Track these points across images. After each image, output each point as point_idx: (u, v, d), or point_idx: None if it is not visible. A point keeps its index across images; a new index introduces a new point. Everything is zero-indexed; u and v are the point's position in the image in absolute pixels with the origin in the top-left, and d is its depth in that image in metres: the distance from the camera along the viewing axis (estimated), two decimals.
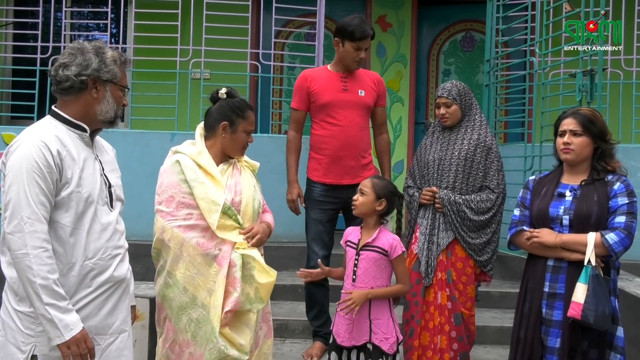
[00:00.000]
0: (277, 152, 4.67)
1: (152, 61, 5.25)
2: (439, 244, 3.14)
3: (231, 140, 2.56)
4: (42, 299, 1.83)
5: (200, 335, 2.40)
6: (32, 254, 1.83)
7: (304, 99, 3.67)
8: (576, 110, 2.64)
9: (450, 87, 3.22)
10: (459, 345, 3.11)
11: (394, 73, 6.15)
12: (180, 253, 2.42)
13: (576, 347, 2.47)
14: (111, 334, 2.06)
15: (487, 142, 3.18)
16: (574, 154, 2.57)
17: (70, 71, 1.99)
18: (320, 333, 3.69)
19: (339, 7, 5.92)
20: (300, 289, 4.19)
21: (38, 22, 5.15)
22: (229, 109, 2.56)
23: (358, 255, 2.81)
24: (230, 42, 5.13)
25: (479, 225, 3.13)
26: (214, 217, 2.40)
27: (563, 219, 2.55)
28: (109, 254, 2.04)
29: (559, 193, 2.60)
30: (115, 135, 4.89)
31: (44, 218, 1.88)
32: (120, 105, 2.11)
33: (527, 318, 2.61)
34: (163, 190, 2.49)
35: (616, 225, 2.48)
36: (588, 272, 2.43)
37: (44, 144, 1.90)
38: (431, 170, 3.22)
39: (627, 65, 5.13)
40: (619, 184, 2.53)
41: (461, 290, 3.13)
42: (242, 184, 2.56)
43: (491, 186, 3.16)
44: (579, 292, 2.41)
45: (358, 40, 3.50)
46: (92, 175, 2.02)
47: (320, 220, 3.63)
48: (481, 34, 6.11)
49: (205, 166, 2.48)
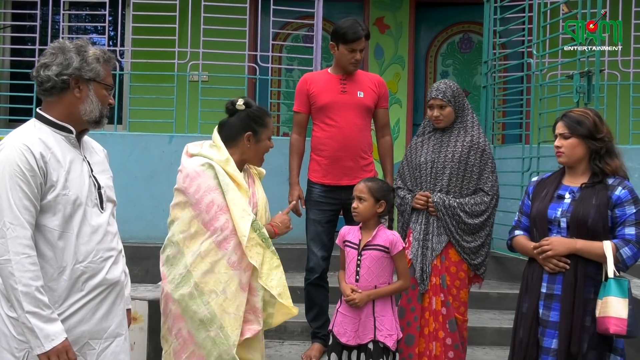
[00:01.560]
0: (275, 154, 4.61)
1: (149, 64, 5.25)
2: (433, 249, 3.07)
3: (256, 150, 2.56)
4: (23, 307, 1.79)
5: (214, 355, 2.38)
6: (14, 260, 1.79)
7: (305, 101, 3.69)
8: (566, 113, 2.65)
9: (444, 88, 3.14)
10: (454, 353, 3.03)
11: (391, 75, 6.16)
12: (211, 268, 2.38)
13: (577, 350, 2.44)
14: (106, 338, 2.03)
15: (481, 143, 3.13)
16: (565, 157, 2.58)
17: (51, 71, 1.94)
18: (319, 334, 3.69)
19: (336, 9, 5.93)
20: (299, 290, 4.19)
21: (36, 25, 5.15)
22: (251, 119, 2.54)
23: (360, 256, 2.82)
24: (228, 45, 5.13)
25: (473, 228, 3.08)
26: (245, 224, 2.38)
27: (561, 221, 2.54)
28: (101, 257, 1.99)
29: (559, 195, 2.59)
30: (113, 138, 4.89)
31: (28, 223, 1.84)
32: (105, 104, 2.04)
33: (526, 318, 2.61)
34: (202, 195, 2.40)
35: (627, 237, 2.46)
36: (625, 285, 2.38)
37: (27, 147, 1.86)
38: (424, 173, 3.16)
39: (625, 67, 5.14)
40: (620, 188, 2.50)
41: (454, 295, 3.07)
42: (258, 195, 2.58)
43: (485, 188, 3.11)
44: (620, 306, 2.34)
45: (351, 42, 3.52)
46: (80, 177, 1.98)
47: (319, 221, 3.64)
48: (479, 36, 6.13)
49: (233, 174, 2.45)
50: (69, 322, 1.93)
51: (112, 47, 5.44)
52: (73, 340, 1.93)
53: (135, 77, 5.39)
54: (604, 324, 2.36)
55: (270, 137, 2.62)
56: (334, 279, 3.63)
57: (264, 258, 2.43)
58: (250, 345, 2.48)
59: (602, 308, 2.38)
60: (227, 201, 2.39)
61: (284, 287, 2.46)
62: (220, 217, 2.38)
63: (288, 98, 6.02)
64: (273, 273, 2.44)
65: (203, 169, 2.43)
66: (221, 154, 2.48)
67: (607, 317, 2.35)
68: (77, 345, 1.94)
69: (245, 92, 5.25)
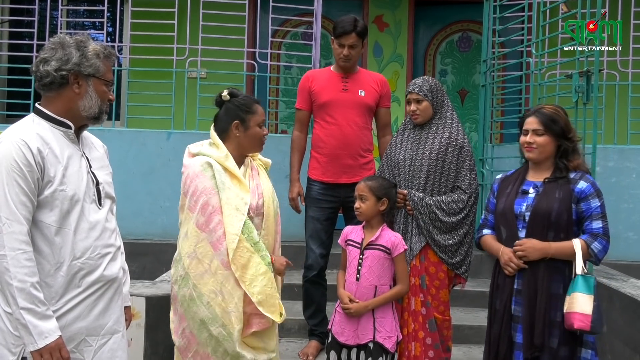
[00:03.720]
0: (274, 151, 4.64)
1: (148, 60, 5.24)
2: (412, 248, 3.01)
3: (246, 137, 2.53)
4: (18, 303, 1.78)
5: (220, 351, 2.38)
6: (9, 256, 1.78)
7: (306, 98, 3.69)
8: (539, 109, 2.67)
9: (421, 82, 3.12)
10: (434, 352, 2.99)
11: (390, 73, 6.15)
12: (209, 268, 2.37)
13: (541, 343, 2.47)
14: (104, 335, 2.02)
15: (459, 140, 3.08)
16: (536, 152, 2.61)
17: (50, 66, 1.93)
18: (317, 332, 3.69)
19: (336, 7, 5.92)
20: (296, 287, 4.19)
21: (34, 20, 5.13)
22: (236, 108, 2.54)
23: (362, 255, 2.82)
24: (227, 41, 5.12)
25: (450, 226, 3.01)
26: (236, 224, 2.36)
27: (525, 215, 2.56)
28: (98, 253, 1.98)
29: (523, 190, 2.62)
30: (112, 134, 4.88)
31: (25, 219, 1.83)
32: (105, 100, 2.03)
33: (499, 314, 2.62)
34: (198, 196, 2.40)
35: (595, 231, 2.51)
36: (591, 282, 2.42)
37: (24, 143, 1.85)
38: (402, 171, 3.11)
39: (623, 67, 5.15)
40: (582, 182, 2.54)
41: (434, 295, 3.02)
42: (263, 186, 2.56)
43: (463, 186, 3.05)
44: (585, 303, 2.38)
45: (339, 36, 3.53)
46: (78, 173, 1.97)
47: (318, 218, 3.64)
48: (478, 35, 6.12)
49: (232, 170, 2.45)
50: (66, 319, 1.92)
51: (111, 43, 5.43)
52: (70, 336, 1.92)
53: (134, 73, 5.37)
54: (569, 319, 2.41)
55: (261, 124, 2.56)
56: (332, 276, 3.63)
57: (250, 262, 2.39)
58: (264, 334, 2.46)
59: (569, 304, 2.43)
60: (221, 201, 2.38)
61: (267, 295, 2.39)
62: (214, 218, 2.38)
63: (286, 95, 6.02)
64: (258, 279, 2.38)
65: (202, 169, 2.43)
66: (220, 151, 2.47)
67: (572, 313, 2.41)
68: (74, 342, 1.94)
69: (244, 89, 5.24)
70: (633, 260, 4.57)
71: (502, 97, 5.66)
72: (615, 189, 4.73)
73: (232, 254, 2.34)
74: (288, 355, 3.70)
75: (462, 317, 4.10)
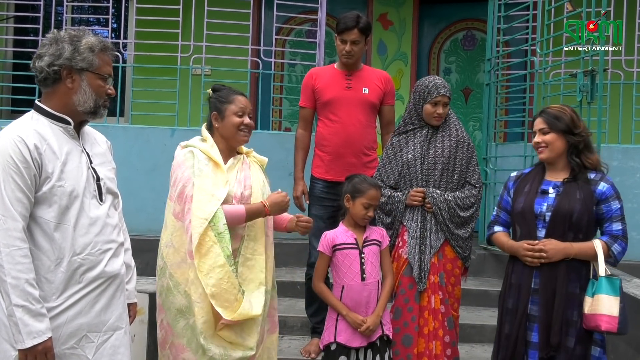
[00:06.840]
0: (277, 149, 4.67)
1: (152, 57, 5.25)
2: (431, 246, 3.03)
3: (224, 127, 2.52)
4: (11, 300, 1.78)
5: (194, 343, 2.36)
6: (4, 253, 1.78)
7: (310, 96, 3.69)
8: (544, 109, 2.71)
9: (447, 85, 3.13)
10: (452, 350, 3.02)
11: (394, 71, 6.15)
12: (184, 259, 2.36)
13: (557, 342, 2.48)
14: (106, 331, 2.01)
15: (466, 137, 3.16)
16: (546, 152, 2.62)
17: (44, 62, 1.93)
18: (319, 329, 3.68)
19: (340, 5, 5.91)
20: (298, 285, 4.20)
21: (39, 17, 5.15)
22: (215, 100, 2.58)
23: (363, 253, 2.84)
24: (231, 39, 5.13)
25: (464, 220, 3.09)
26: (207, 210, 2.31)
27: (546, 215, 2.57)
28: (99, 249, 1.97)
29: (542, 190, 2.63)
30: (116, 130, 4.89)
31: (20, 215, 1.82)
32: (101, 94, 2.01)
33: (512, 314, 2.62)
34: (177, 185, 2.42)
35: (615, 233, 2.55)
36: (617, 284, 2.44)
37: (20, 139, 1.85)
38: (413, 170, 3.09)
39: (628, 66, 5.14)
40: (603, 183, 2.56)
41: (450, 292, 3.06)
42: (252, 178, 2.55)
43: (472, 181, 3.13)
44: (612, 305, 2.40)
45: (341, 32, 3.52)
46: (77, 169, 1.96)
47: (321, 216, 3.64)
48: (482, 33, 6.11)
49: (214, 157, 2.46)
50: (67, 314, 1.92)
51: (115, 39, 5.44)
52: (71, 332, 1.92)
53: (138, 69, 5.38)
54: (594, 320, 2.42)
55: (239, 113, 2.51)
56: None
57: (210, 252, 2.30)
58: (242, 330, 2.39)
59: (592, 305, 2.44)
60: (194, 187, 2.36)
61: (222, 290, 2.30)
62: (188, 206, 2.38)
63: (290, 93, 6.02)
64: (215, 271, 2.30)
65: (184, 159, 2.46)
66: (207, 144, 2.52)
67: (597, 315, 2.42)
68: (75, 338, 1.94)
69: (248, 87, 5.25)
70: (636, 260, 4.56)
71: (506, 96, 5.65)
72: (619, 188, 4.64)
73: (197, 239, 2.29)
74: (290, 353, 3.71)
75: (464, 316, 4.09)
